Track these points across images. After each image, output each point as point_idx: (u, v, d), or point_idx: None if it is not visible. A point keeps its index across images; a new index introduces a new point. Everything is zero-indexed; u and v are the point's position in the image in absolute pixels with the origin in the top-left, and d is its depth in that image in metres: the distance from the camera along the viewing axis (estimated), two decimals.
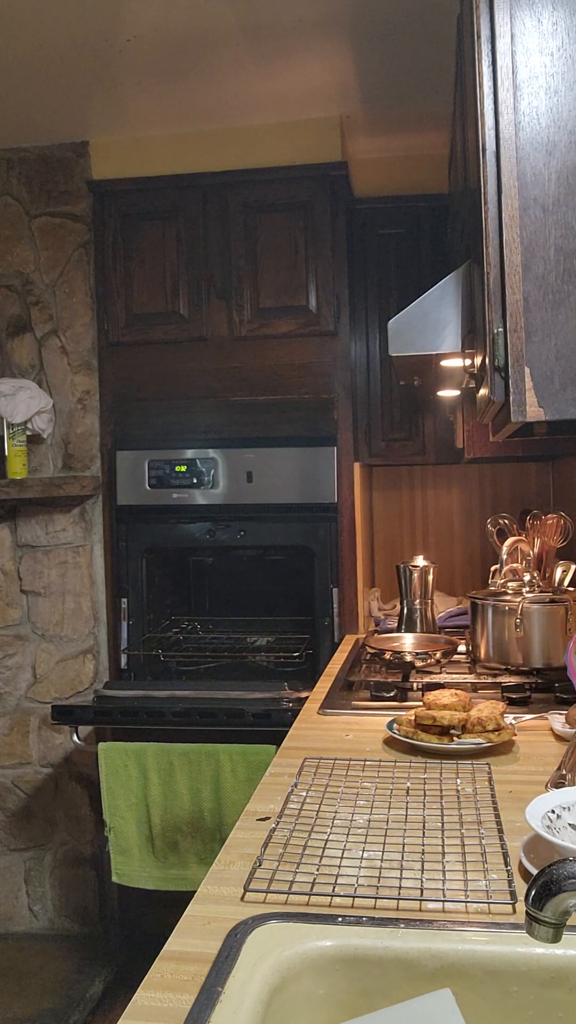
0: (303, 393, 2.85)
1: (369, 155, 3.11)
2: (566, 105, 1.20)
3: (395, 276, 3.01)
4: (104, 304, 2.94)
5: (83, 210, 2.94)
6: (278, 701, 2.44)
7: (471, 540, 3.42)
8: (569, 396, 1.20)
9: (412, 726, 1.62)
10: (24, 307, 2.99)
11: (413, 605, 2.74)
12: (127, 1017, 0.85)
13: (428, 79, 2.58)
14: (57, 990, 2.69)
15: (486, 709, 1.64)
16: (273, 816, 1.31)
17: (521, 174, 1.21)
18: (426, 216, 2.98)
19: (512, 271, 1.20)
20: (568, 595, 2.18)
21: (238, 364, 2.88)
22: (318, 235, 2.82)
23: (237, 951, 0.93)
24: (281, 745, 1.71)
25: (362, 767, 1.51)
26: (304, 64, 2.50)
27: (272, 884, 1.08)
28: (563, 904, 0.74)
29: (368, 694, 2.07)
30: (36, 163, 2.97)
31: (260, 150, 2.85)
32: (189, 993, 0.87)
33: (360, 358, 3.03)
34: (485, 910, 1.02)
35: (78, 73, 2.50)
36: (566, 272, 1.20)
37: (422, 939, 0.95)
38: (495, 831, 1.22)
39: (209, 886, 1.11)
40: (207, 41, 2.35)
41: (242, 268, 2.85)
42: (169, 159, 2.90)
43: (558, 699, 1.95)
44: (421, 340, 1.64)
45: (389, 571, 3.41)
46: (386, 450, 3.07)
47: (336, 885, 1.08)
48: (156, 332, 2.90)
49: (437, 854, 1.15)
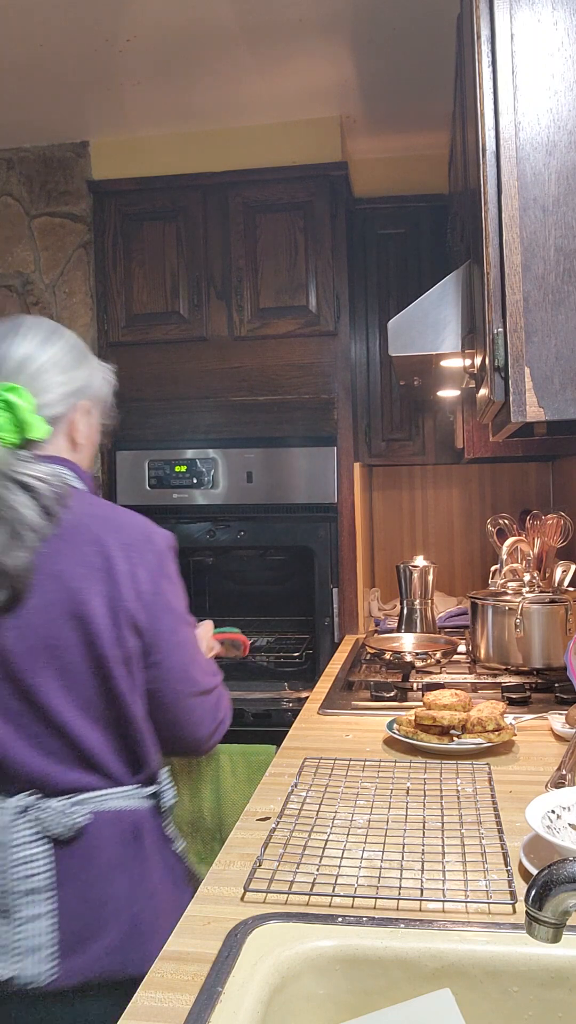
0: (303, 393, 2.85)
1: (369, 155, 3.11)
2: (566, 105, 1.20)
3: (395, 276, 3.01)
4: (104, 304, 2.94)
5: (83, 210, 2.94)
6: (278, 701, 2.44)
7: (471, 540, 3.42)
8: (569, 396, 1.20)
9: (412, 726, 1.62)
10: (24, 307, 2.99)
11: (413, 605, 2.74)
12: (127, 1017, 0.85)
13: (428, 79, 2.58)
14: None
15: (486, 709, 1.64)
16: (273, 816, 1.31)
17: (521, 174, 1.21)
18: (426, 216, 2.99)
19: (512, 271, 1.20)
20: (568, 595, 2.18)
21: (238, 364, 2.88)
22: (318, 235, 2.82)
23: (237, 951, 0.93)
24: (281, 745, 1.71)
25: (362, 767, 1.51)
26: (304, 64, 2.50)
27: (272, 884, 1.08)
28: (563, 904, 0.74)
29: (368, 694, 2.07)
30: (36, 163, 2.97)
31: (260, 150, 2.85)
32: (189, 993, 0.87)
33: (360, 358, 3.03)
34: (485, 910, 1.02)
35: (78, 73, 2.50)
36: (566, 272, 1.20)
37: (422, 939, 0.95)
38: (495, 831, 1.22)
39: (209, 886, 1.11)
40: (207, 41, 2.35)
41: (242, 268, 2.85)
42: (169, 159, 2.90)
43: (558, 699, 1.95)
44: (421, 340, 1.64)
45: (389, 571, 3.41)
46: (386, 450, 3.07)
47: (336, 885, 1.08)
48: (156, 332, 2.90)
49: (437, 854, 1.15)
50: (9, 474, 1.10)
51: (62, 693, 1.12)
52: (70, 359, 1.24)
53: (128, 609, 1.14)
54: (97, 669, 1.13)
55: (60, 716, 1.12)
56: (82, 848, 1.12)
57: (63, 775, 1.13)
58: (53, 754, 1.13)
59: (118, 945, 1.11)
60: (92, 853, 1.13)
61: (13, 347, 1.19)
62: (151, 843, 1.19)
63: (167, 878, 1.20)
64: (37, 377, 1.19)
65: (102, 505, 1.21)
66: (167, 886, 1.20)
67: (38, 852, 1.10)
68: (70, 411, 1.24)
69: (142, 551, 1.18)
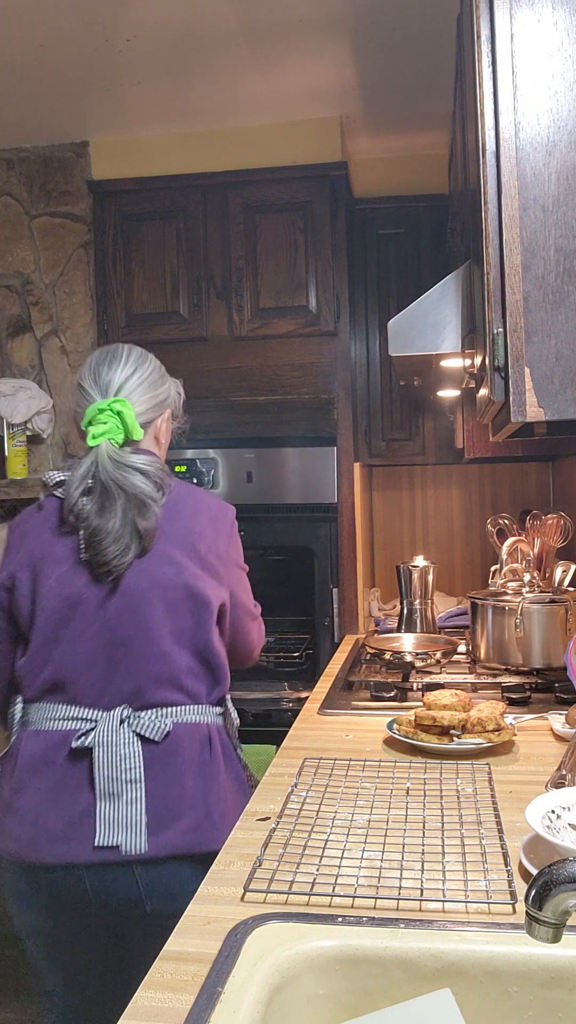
0: (303, 393, 2.85)
1: (369, 155, 3.11)
2: (566, 105, 1.20)
3: (395, 276, 3.01)
4: (104, 304, 2.94)
5: (83, 210, 2.94)
6: (278, 701, 2.43)
7: (471, 540, 3.42)
8: (569, 396, 1.21)
9: (412, 726, 1.62)
10: (24, 307, 2.99)
11: (413, 605, 2.74)
12: (127, 1017, 0.85)
13: (428, 79, 2.58)
14: None
15: (486, 709, 1.63)
16: (273, 816, 1.31)
17: (521, 174, 1.21)
18: (426, 216, 2.98)
19: (512, 271, 1.20)
20: (568, 595, 2.18)
21: (238, 364, 2.88)
22: (318, 235, 2.82)
23: (237, 951, 0.93)
24: (281, 745, 1.71)
25: (362, 767, 1.51)
26: (304, 64, 2.50)
27: (272, 884, 1.08)
28: (563, 904, 0.74)
29: (368, 694, 2.07)
30: (36, 163, 2.97)
31: (260, 150, 2.85)
32: (189, 993, 0.87)
33: (360, 358, 3.03)
34: (485, 910, 1.02)
35: (78, 73, 2.50)
36: (566, 272, 1.20)
37: (422, 939, 0.95)
38: (495, 831, 1.22)
39: (209, 886, 1.11)
40: (207, 41, 2.35)
41: (242, 268, 2.85)
42: (169, 159, 2.90)
43: (558, 699, 1.95)
44: (421, 340, 1.64)
45: (389, 571, 3.41)
46: (386, 450, 3.07)
47: (336, 885, 1.08)
48: (156, 332, 2.90)
49: (437, 854, 1.15)
50: (125, 462, 1.48)
51: (165, 621, 1.48)
52: (156, 378, 1.61)
53: (211, 562, 1.54)
54: (191, 603, 1.50)
55: (162, 642, 1.47)
56: (166, 750, 1.45)
57: (154, 692, 1.47)
58: (151, 675, 1.47)
59: (194, 827, 1.43)
60: (174, 754, 1.45)
61: (115, 373, 1.56)
62: (220, 751, 1.52)
63: (232, 779, 1.53)
64: (134, 394, 1.55)
65: (187, 486, 1.62)
66: (232, 785, 1.52)
67: (135, 751, 1.43)
68: (157, 418, 1.61)
69: (219, 520, 1.60)
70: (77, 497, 1.48)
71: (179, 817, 1.42)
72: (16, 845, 1.43)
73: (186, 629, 1.50)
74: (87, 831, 1.40)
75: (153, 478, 1.50)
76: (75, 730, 1.44)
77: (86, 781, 1.42)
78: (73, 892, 1.42)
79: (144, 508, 1.47)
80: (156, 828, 1.40)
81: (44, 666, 1.48)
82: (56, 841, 1.40)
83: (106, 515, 1.46)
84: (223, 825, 1.40)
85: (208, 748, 1.50)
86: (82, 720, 1.45)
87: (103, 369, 1.56)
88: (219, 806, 1.46)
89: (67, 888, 1.41)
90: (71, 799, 1.42)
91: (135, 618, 1.47)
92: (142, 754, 1.43)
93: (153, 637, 1.47)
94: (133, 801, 1.40)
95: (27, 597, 1.49)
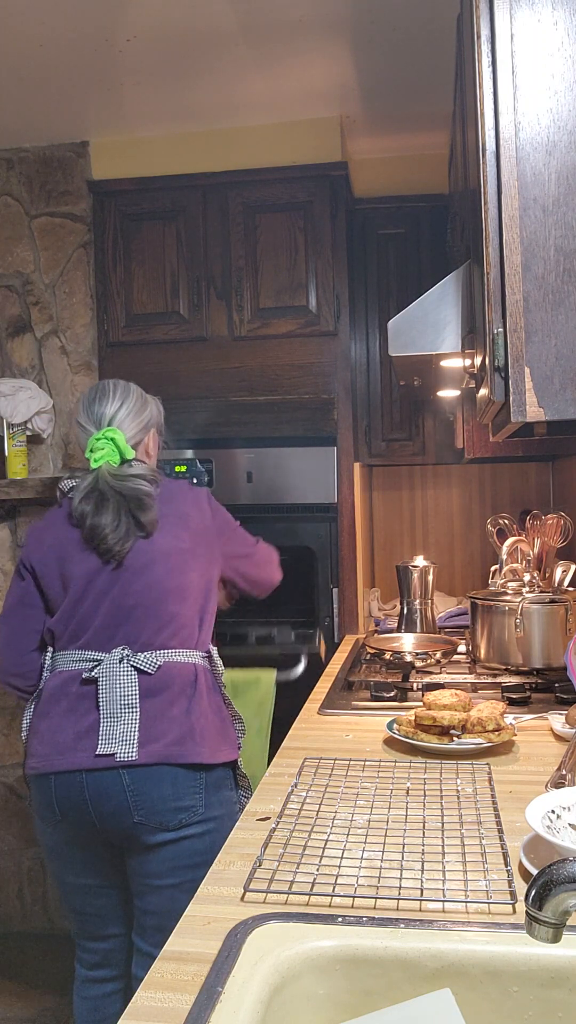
0: (303, 393, 2.85)
1: (369, 155, 3.11)
2: (566, 105, 1.20)
3: (395, 276, 3.01)
4: (104, 304, 2.94)
5: (83, 210, 2.94)
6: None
7: (471, 540, 3.42)
8: (569, 396, 1.20)
9: (412, 726, 1.62)
10: (24, 307, 2.99)
11: (413, 605, 2.74)
12: (127, 1017, 0.85)
13: (428, 79, 2.58)
14: (57, 990, 2.69)
15: (486, 709, 1.63)
16: (273, 816, 1.31)
17: (521, 174, 1.21)
18: (426, 216, 2.98)
19: (512, 271, 1.20)
20: (568, 595, 2.18)
21: (238, 364, 2.88)
22: (318, 235, 2.82)
23: (237, 951, 0.93)
24: (281, 745, 1.71)
25: (362, 767, 1.51)
26: (304, 64, 2.50)
27: (272, 884, 1.08)
28: (563, 904, 0.74)
29: (368, 694, 2.07)
30: (36, 163, 2.97)
31: (260, 150, 2.85)
32: (189, 993, 0.87)
33: (360, 358, 3.03)
34: (485, 910, 1.02)
35: (78, 73, 2.50)
36: (566, 272, 1.20)
37: (422, 939, 0.95)
38: (495, 831, 1.22)
39: (209, 886, 1.11)
40: (207, 41, 2.35)
41: (242, 268, 2.85)
42: (169, 159, 2.90)
43: (558, 699, 1.95)
44: (421, 340, 1.64)
45: (389, 571, 3.41)
46: (386, 450, 3.07)
47: (336, 885, 1.08)
48: (156, 332, 2.90)
49: (437, 854, 1.15)
50: (123, 474, 1.85)
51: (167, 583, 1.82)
52: (140, 406, 1.94)
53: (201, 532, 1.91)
54: (187, 567, 1.85)
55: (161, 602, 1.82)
56: (158, 682, 1.77)
57: (151, 639, 1.81)
58: (150, 627, 1.80)
59: (176, 741, 1.74)
60: (163, 685, 1.77)
61: (105, 408, 1.91)
62: (204, 686, 1.83)
63: (213, 709, 1.83)
64: (124, 423, 1.90)
65: (175, 480, 2.00)
66: (213, 713, 1.83)
67: (132, 681, 1.76)
68: (144, 438, 1.96)
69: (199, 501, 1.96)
70: (78, 503, 1.83)
71: (165, 734, 1.73)
72: (37, 760, 1.78)
73: (182, 588, 1.84)
74: (91, 743, 1.73)
75: (147, 479, 1.86)
76: (85, 667, 1.79)
77: (93, 705, 1.75)
78: (76, 801, 1.73)
79: (143, 504, 1.82)
80: (145, 741, 1.72)
81: (70, 622, 1.84)
82: (66, 751, 1.74)
83: (101, 513, 1.80)
84: (202, 742, 1.75)
85: (194, 683, 1.81)
86: (91, 660, 1.80)
87: (95, 406, 1.91)
88: (199, 727, 1.77)
89: (72, 795, 1.73)
90: (80, 718, 1.76)
91: (141, 584, 1.81)
92: (138, 684, 1.75)
93: (154, 598, 1.82)
94: (129, 721, 1.73)
95: (55, 574, 1.86)
